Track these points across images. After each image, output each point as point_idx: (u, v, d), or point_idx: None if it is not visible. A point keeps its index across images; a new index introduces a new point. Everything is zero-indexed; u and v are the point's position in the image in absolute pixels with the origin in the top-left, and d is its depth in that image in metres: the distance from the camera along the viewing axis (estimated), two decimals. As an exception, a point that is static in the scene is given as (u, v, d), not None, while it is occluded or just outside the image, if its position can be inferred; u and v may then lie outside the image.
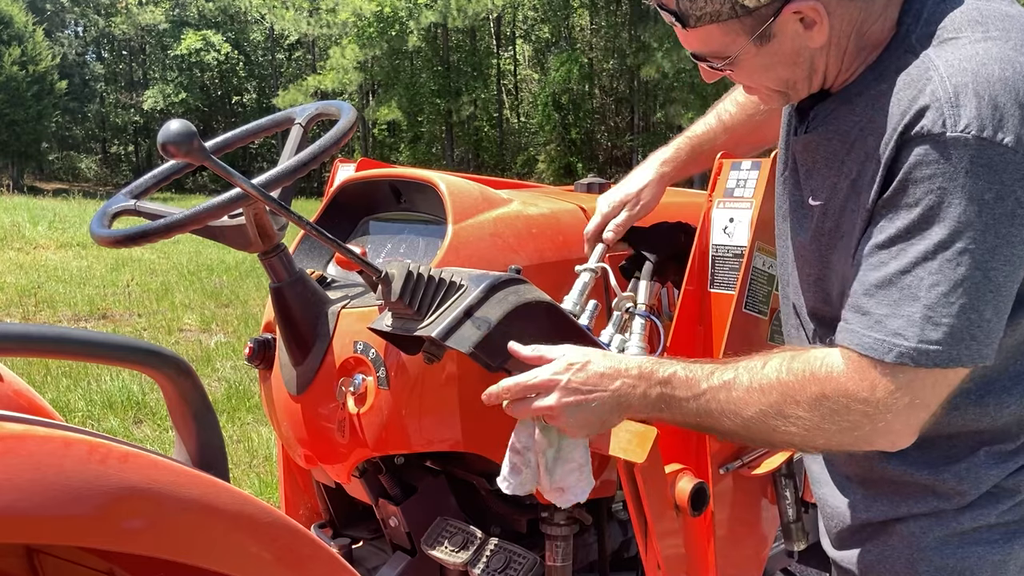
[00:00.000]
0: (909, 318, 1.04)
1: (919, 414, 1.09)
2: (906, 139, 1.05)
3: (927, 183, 1.03)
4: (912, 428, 1.10)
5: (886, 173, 1.08)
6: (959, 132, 1.01)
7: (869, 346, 1.07)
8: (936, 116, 1.03)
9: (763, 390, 1.14)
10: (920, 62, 1.08)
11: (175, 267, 11.09)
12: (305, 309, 1.69)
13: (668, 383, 1.20)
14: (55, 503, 0.74)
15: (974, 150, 1.00)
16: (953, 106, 1.02)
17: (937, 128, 1.02)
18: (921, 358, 1.04)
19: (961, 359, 1.04)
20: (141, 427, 4.79)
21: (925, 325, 1.04)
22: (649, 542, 1.59)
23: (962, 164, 1.01)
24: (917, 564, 1.24)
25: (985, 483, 1.21)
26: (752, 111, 1.73)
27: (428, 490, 1.80)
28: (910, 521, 1.25)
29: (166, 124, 1.33)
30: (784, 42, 1.15)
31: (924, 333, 1.04)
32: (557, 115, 30.70)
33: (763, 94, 1.28)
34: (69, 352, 0.92)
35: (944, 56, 1.07)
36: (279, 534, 0.92)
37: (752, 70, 1.21)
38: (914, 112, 1.05)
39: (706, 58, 1.22)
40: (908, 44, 1.12)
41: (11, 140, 33.41)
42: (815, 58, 1.17)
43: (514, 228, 1.79)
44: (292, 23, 34.52)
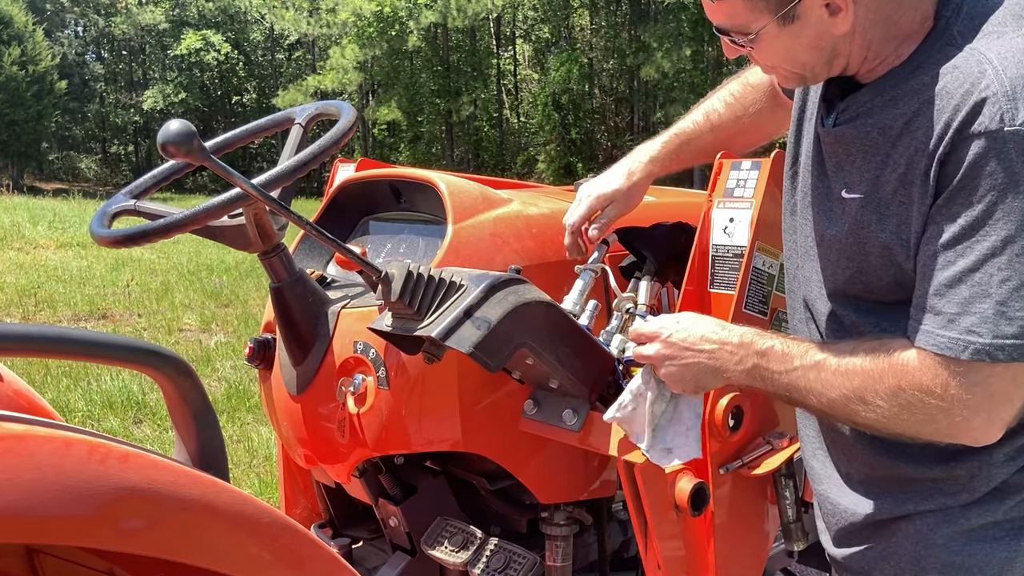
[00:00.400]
0: (982, 315, 1.04)
1: (1000, 409, 1.09)
2: (963, 136, 1.05)
3: (988, 180, 1.03)
4: (995, 423, 1.10)
5: (941, 169, 1.08)
6: (1017, 126, 1.01)
7: (944, 345, 1.08)
8: (994, 111, 1.03)
9: (848, 375, 1.16)
10: (968, 55, 1.08)
11: (175, 267, 11.09)
12: (305, 309, 1.69)
13: (764, 355, 1.24)
14: (55, 503, 0.74)
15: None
16: (1010, 99, 1.02)
17: (995, 124, 1.02)
18: (997, 353, 1.04)
19: None
20: (141, 427, 4.79)
21: (999, 320, 1.04)
22: (649, 542, 1.59)
23: (1022, 159, 1.01)
24: (923, 561, 1.24)
25: (996, 478, 1.20)
26: (740, 113, 1.72)
27: (428, 490, 1.80)
28: (916, 518, 1.24)
29: (166, 124, 1.33)
30: (807, 25, 1.15)
31: (998, 328, 1.04)
32: (557, 115, 30.69)
33: (781, 75, 1.28)
34: (69, 352, 0.92)
35: (995, 49, 1.06)
36: (279, 534, 0.92)
37: (773, 50, 1.21)
38: (970, 107, 1.05)
39: (729, 32, 1.22)
40: (949, 37, 1.12)
41: (11, 140, 33.40)
42: (838, 44, 1.17)
43: (514, 228, 1.79)
44: (292, 23, 34.53)
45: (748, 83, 1.72)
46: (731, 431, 1.67)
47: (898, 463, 1.25)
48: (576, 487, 1.77)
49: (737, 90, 1.74)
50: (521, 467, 1.71)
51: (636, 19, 30.05)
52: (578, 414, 1.55)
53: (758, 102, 1.71)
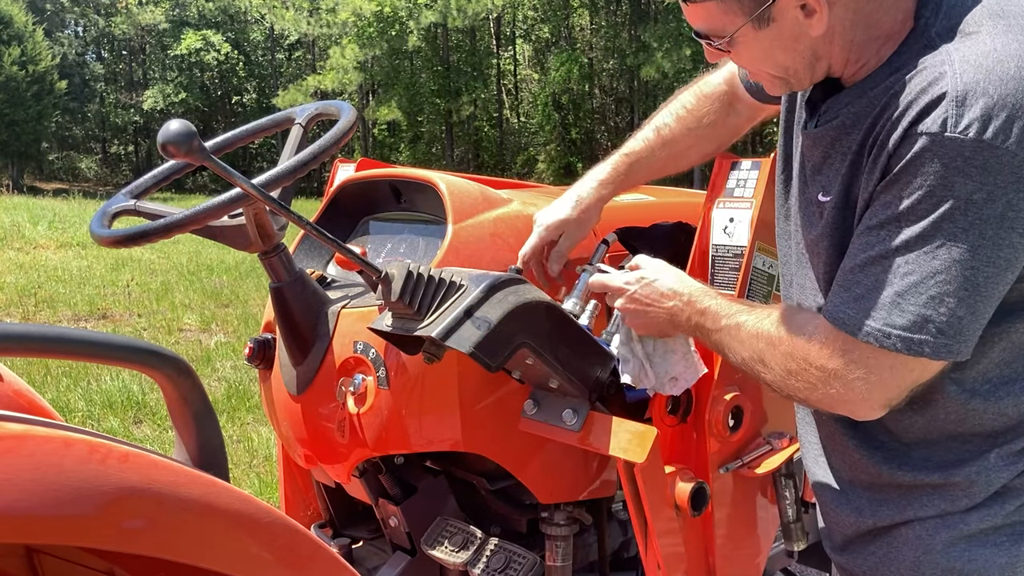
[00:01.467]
0: (880, 302, 1.08)
1: (876, 392, 1.13)
2: (910, 133, 1.06)
3: (920, 178, 1.04)
4: (871, 404, 1.14)
5: (886, 161, 1.09)
6: (957, 133, 1.01)
7: (842, 320, 1.12)
8: (940, 114, 1.03)
9: (756, 337, 1.25)
10: (936, 55, 1.08)
11: (175, 267, 11.09)
12: (305, 309, 1.69)
13: (702, 313, 1.35)
14: (55, 503, 0.74)
15: (970, 151, 1.01)
16: (959, 105, 1.02)
17: (937, 127, 1.02)
18: (884, 340, 1.08)
19: (923, 349, 1.07)
20: (141, 427, 4.79)
21: (892, 310, 1.07)
22: (649, 542, 1.59)
23: (955, 164, 1.02)
24: (923, 567, 1.24)
25: (995, 483, 1.20)
26: (693, 125, 1.70)
27: (428, 490, 1.80)
28: (917, 524, 1.24)
29: (166, 124, 1.33)
30: (784, 27, 1.15)
31: (890, 317, 1.08)
32: (557, 115, 30.70)
33: (765, 79, 1.27)
34: (69, 352, 0.92)
35: (962, 51, 1.06)
36: (279, 534, 0.92)
37: (752, 53, 1.21)
38: (921, 106, 1.05)
39: (707, 36, 1.22)
40: (927, 38, 1.11)
41: (11, 140, 33.41)
42: (817, 46, 1.17)
43: (514, 228, 1.79)
44: (292, 23, 34.52)
45: (701, 93, 1.71)
46: (731, 431, 1.67)
47: (897, 472, 1.25)
48: (576, 487, 1.77)
49: (690, 102, 1.72)
50: (521, 467, 1.71)
51: (636, 19, 30.04)
52: (578, 414, 1.55)
53: (711, 112, 1.69)
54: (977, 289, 1.04)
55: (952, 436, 1.21)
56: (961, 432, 1.21)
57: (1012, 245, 1.03)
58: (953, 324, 1.05)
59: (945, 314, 1.05)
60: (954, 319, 1.05)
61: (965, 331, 1.07)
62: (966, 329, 1.07)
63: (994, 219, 1.02)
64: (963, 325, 1.06)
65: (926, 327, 1.06)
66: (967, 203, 1.02)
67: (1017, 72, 1.02)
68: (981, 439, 1.20)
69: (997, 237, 1.02)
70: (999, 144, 1.00)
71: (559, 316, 1.50)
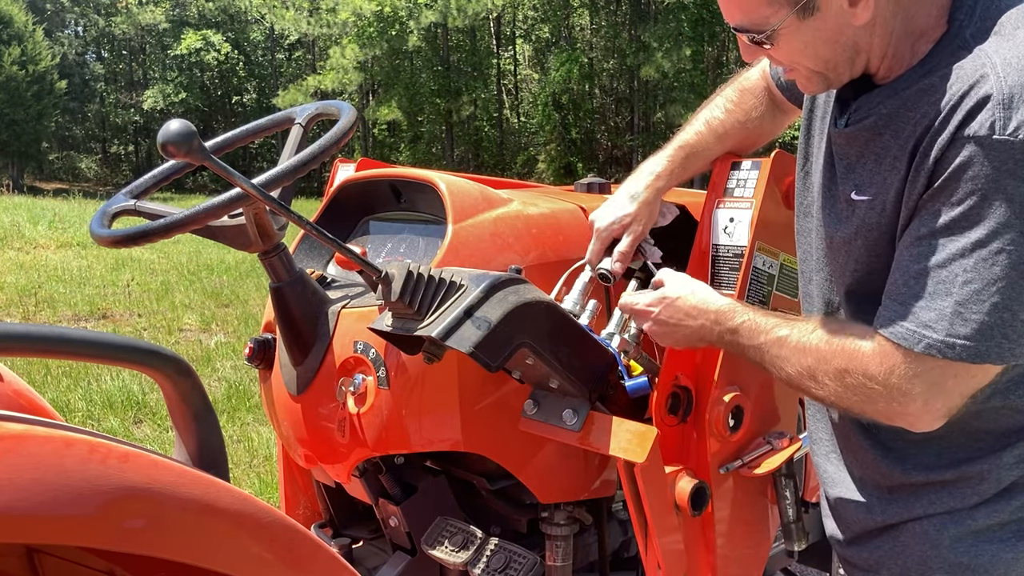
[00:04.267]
0: (940, 312, 1.07)
1: (935, 401, 1.11)
2: (956, 138, 1.05)
3: (971, 183, 1.04)
4: (933, 414, 1.13)
5: (934, 167, 1.08)
6: (1007, 136, 1.01)
7: (900, 335, 1.11)
8: (987, 117, 1.02)
9: (803, 352, 1.22)
10: (975, 57, 1.07)
11: (175, 267, 11.09)
12: (305, 309, 1.69)
13: (735, 332, 1.34)
14: (55, 503, 0.74)
15: (1021, 153, 1.00)
16: (1006, 107, 1.01)
17: (985, 130, 1.02)
18: (948, 351, 1.07)
19: (989, 355, 1.06)
20: (141, 427, 4.79)
21: (955, 320, 1.06)
22: (649, 542, 1.59)
23: (1006, 167, 1.01)
24: (930, 561, 1.25)
25: (1004, 481, 1.21)
26: (743, 118, 1.70)
27: (428, 490, 1.80)
28: (925, 520, 1.25)
29: (166, 124, 1.33)
30: (828, 18, 1.13)
31: (953, 328, 1.06)
32: (557, 115, 30.69)
33: (803, 75, 1.25)
34: (69, 352, 0.92)
35: (1001, 53, 1.05)
36: (279, 534, 0.92)
37: (792, 47, 1.19)
38: (966, 111, 1.04)
39: (748, 30, 1.19)
40: (962, 39, 1.10)
41: (11, 140, 33.40)
42: (859, 38, 1.15)
43: (514, 228, 1.78)
44: (292, 23, 34.51)
45: (744, 88, 1.71)
46: (731, 431, 1.67)
47: (911, 472, 1.26)
48: (576, 487, 1.77)
49: (734, 96, 1.71)
50: (521, 467, 1.71)
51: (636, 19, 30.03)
52: (578, 414, 1.55)
53: (758, 106, 1.69)
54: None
55: (967, 433, 1.21)
56: (976, 428, 1.21)
57: None
58: (1017, 328, 1.05)
59: (1009, 320, 1.04)
60: (1018, 323, 1.05)
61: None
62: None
63: None
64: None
65: (991, 334, 1.05)
66: (1022, 206, 1.01)
67: None
68: (995, 436, 1.21)
69: None
70: None
71: (559, 316, 1.50)
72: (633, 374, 1.63)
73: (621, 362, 1.60)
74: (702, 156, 1.73)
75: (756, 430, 1.72)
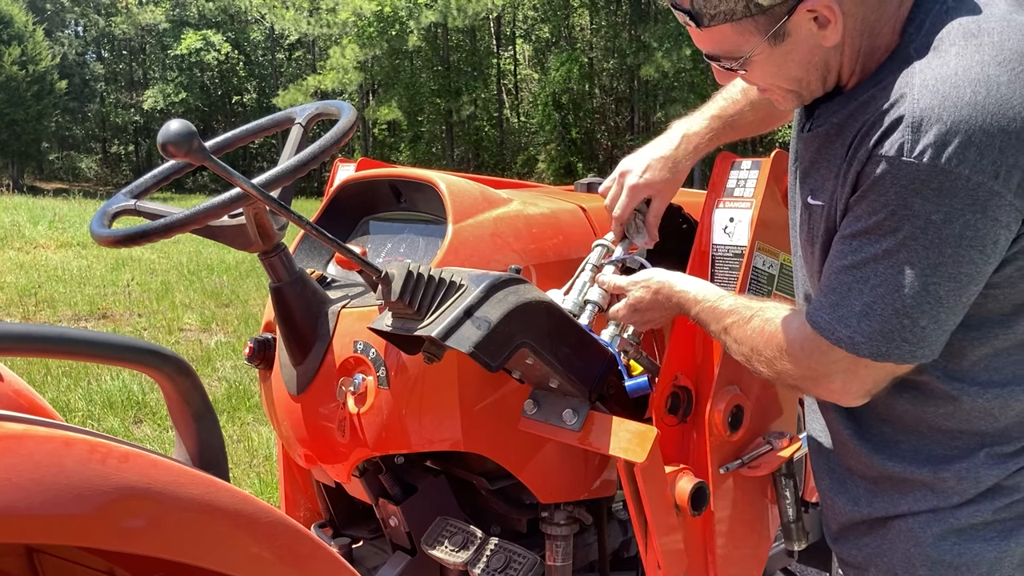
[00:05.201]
0: (851, 309, 1.14)
1: (854, 386, 1.20)
2: (873, 155, 1.10)
3: (883, 198, 1.09)
4: (853, 394, 1.22)
5: (856, 178, 1.14)
6: (912, 158, 1.05)
7: (819, 325, 1.18)
8: (898, 138, 1.06)
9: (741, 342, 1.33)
10: (904, 75, 1.10)
11: (175, 267, 11.09)
12: (305, 309, 1.69)
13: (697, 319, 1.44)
14: (55, 503, 0.74)
15: (925, 175, 1.04)
16: (914, 130, 1.05)
17: (894, 151, 1.06)
18: (852, 348, 1.15)
19: (890, 356, 1.13)
20: (141, 427, 4.79)
21: (862, 319, 1.13)
22: (649, 542, 1.59)
23: (913, 186, 1.05)
24: (914, 559, 1.27)
25: (984, 482, 1.22)
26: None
27: (428, 490, 1.80)
28: (909, 518, 1.27)
29: (166, 124, 1.33)
30: (798, 41, 1.16)
31: (860, 326, 1.13)
32: (557, 115, 30.68)
33: (777, 94, 1.28)
34: (69, 352, 0.92)
35: (924, 73, 1.08)
36: (279, 534, 0.92)
37: (765, 70, 1.22)
38: (882, 130, 1.09)
39: (719, 58, 1.22)
40: (906, 54, 1.13)
41: (11, 140, 33.41)
42: (829, 57, 1.18)
43: (514, 228, 1.79)
44: (292, 23, 34.50)
45: None
46: (731, 431, 1.67)
47: (887, 462, 1.28)
48: (576, 487, 1.77)
49: None
50: (521, 467, 1.71)
51: (636, 19, 30.04)
52: (578, 414, 1.55)
53: None
54: (940, 302, 1.09)
55: (941, 431, 1.24)
56: (950, 428, 1.23)
57: (972, 261, 1.07)
58: (917, 333, 1.11)
59: (909, 325, 1.11)
60: (917, 328, 1.11)
61: (928, 338, 1.12)
62: (929, 336, 1.12)
63: (952, 238, 1.06)
64: (926, 334, 1.12)
65: (892, 336, 1.12)
66: (926, 223, 1.06)
67: (972, 98, 1.03)
68: (969, 437, 1.23)
69: (956, 255, 1.07)
70: (953, 168, 1.03)
71: (559, 316, 1.50)
72: (633, 374, 1.63)
73: (621, 362, 1.61)
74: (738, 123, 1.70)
75: (756, 430, 1.72)
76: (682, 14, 1.18)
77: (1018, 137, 1.02)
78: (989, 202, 1.04)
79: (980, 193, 1.03)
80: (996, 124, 1.02)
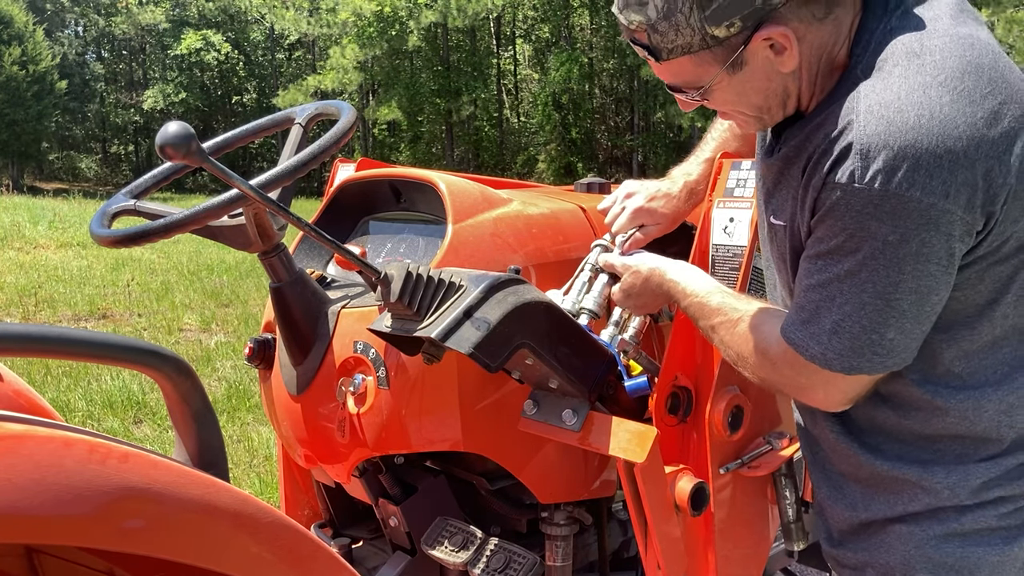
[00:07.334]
0: (821, 326, 1.18)
1: (835, 395, 1.24)
2: (827, 182, 1.12)
3: (841, 222, 1.12)
4: (834, 402, 1.26)
5: (813, 204, 1.17)
6: (864, 184, 1.07)
7: (793, 341, 1.22)
8: (848, 166, 1.09)
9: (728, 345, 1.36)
10: (850, 99, 1.12)
11: (175, 267, 11.09)
12: (305, 309, 1.69)
13: (686, 311, 1.46)
14: (55, 503, 0.74)
15: (878, 199, 1.07)
16: (863, 157, 1.07)
17: (846, 178, 1.09)
18: (826, 364, 1.18)
19: (861, 369, 1.17)
20: (141, 427, 4.79)
21: (832, 337, 1.17)
22: (649, 542, 1.59)
23: (867, 210, 1.08)
24: (914, 561, 1.27)
25: (974, 479, 1.23)
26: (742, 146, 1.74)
27: (428, 490, 1.80)
28: (908, 520, 1.27)
29: (164, 126, 1.33)
30: (756, 69, 1.19)
31: (831, 343, 1.17)
32: (557, 115, 30.68)
33: (740, 120, 1.31)
34: (69, 352, 0.92)
35: (870, 98, 1.10)
36: (279, 534, 0.92)
37: (726, 98, 1.25)
38: (833, 158, 1.11)
39: (681, 89, 1.25)
40: (854, 76, 1.15)
41: (11, 140, 33.39)
42: (787, 82, 1.21)
43: (514, 228, 1.79)
44: (292, 23, 34.49)
45: None
46: (731, 431, 1.67)
47: (876, 462, 1.30)
48: (576, 487, 1.77)
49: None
50: (521, 467, 1.71)
51: (636, 19, 29.94)
52: (578, 414, 1.55)
53: None
54: (904, 314, 1.13)
55: (923, 436, 1.26)
56: (929, 433, 1.25)
57: (931, 275, 1.11)
58: (885, 346, 1.15)
59: (877, 340, 1.15)
60: (885, 341, 1.15)
61: (897, 348, 1.16)
62: (898, 347, 1.16)
63: (910, 256, 1.09)
64: (894, 344, 1.15)
65: (862, 351, 1.16)
66: (884, 243, 1.09)
67: (916, 122, 1.05)
68: (949, 440, 1.24)
69: (916, 271, 1.10)
70: (904, 192, 1.05)
71: (559, 316, 1.50)
72: (633, 374, 1.63)
73: (620, 362, 1.61)
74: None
75: (756, 430, 1.72)
76: (641, 49, 1.21)
77: (964, 155, 1.05)
78: (941, 220, 1.06)
79: (932, 213, 1.06)
80: (942, 146, 1.04)
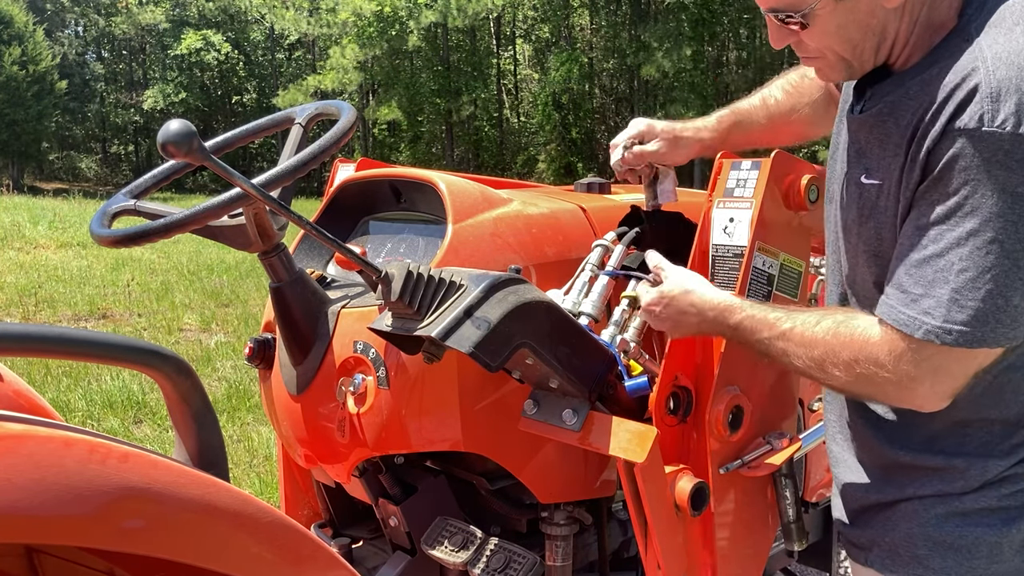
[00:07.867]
0: (938, 299, 1.10)
1: (941, 384, 1.16)
2: (948, 130, 1.08)
3: (963, 174, 1.07)
4: (938, 395, 1.17)
5: (928, 158, 1.12)
6: (995, 128, 1.04)
7: (902, 322, 1.14)
8: (976, 110, 1.06)
9: (810, 345, 1.25)
10: (970, 51, 1.10)
11: (175, 267, 11.09)
12: (305, 309, 1.69)
13: (736, 329, 1.37)
14: (55, 503, 0.74)
15: (1009, 145, 1.04)
16: (993, 100, 1.05)
17: (974, 123, 1.06)
18: (946, 337, 1.10)
19: (986, 340, 1.10)
20: (141, 427, 4.79)
21: (952, 307, 1.10)
22: (649, 542, 1.59)
23: (996, 158, 1.04)
24: (915, 537, 1.28)
25: (991, 471, 1.24)
26: (796, 103, 1.74)
27: (428, 490, 1.80)
28: (915, 501, 1.29)
29: (166, 124, 1.33)
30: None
31: (950, 314, 1.10)
32: (557, 115, 30.66)
33: (829, 61, 1.27)
34: (69, 352, 0.92)
35: (994, 47, 1.09)
36: (279, 534, 0.92)
37: (825, 29, 1.21)
38: (956, 104, 1.08)
39: (784, 10, 1.21)
40: (966, 33, 1.14)
41: (11, 140, 33.37)
42: (888, 22, 1.18)
43: (514, 228, 1.79)
44: (292, 23, 34.49)
45: (807, 75, 1.74)
46: (731, 431, 1.67)
47: (899, 452, 1.30)
48: (576, 487, 1.77)
49: (795, 80, 1.76)
50: (521, 467, 1.71)
51: (636, 19, 30.01)
52: (578, 414, 1.55)
53: (815, 95, 1.73)
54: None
55: (954, 421, 1.25)
56: (963, 419, 1.24)
57: None
58: (1010, 313, 1.08)
59: (1003, 305, 1.08)
60: (1012, 308, 1.08)
61: (1022, 317, 1.09)
62: (1022, 315, 1.09)
63: None
64: (1019, 312, 1.08)
65: (986, 319, 1.08)
66: (1013, 196, 1.05)
67: None
68: (979, 426, 1.24)
69: None
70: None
71: (559, 316, 1.50)
72: (633, 374, 1.63)
73: (621, 362, 1.60)
74: (747, 128, 1.78)
75: (756, 430, 1.72)
76: None
77: None
78: None
79: None
80: None
